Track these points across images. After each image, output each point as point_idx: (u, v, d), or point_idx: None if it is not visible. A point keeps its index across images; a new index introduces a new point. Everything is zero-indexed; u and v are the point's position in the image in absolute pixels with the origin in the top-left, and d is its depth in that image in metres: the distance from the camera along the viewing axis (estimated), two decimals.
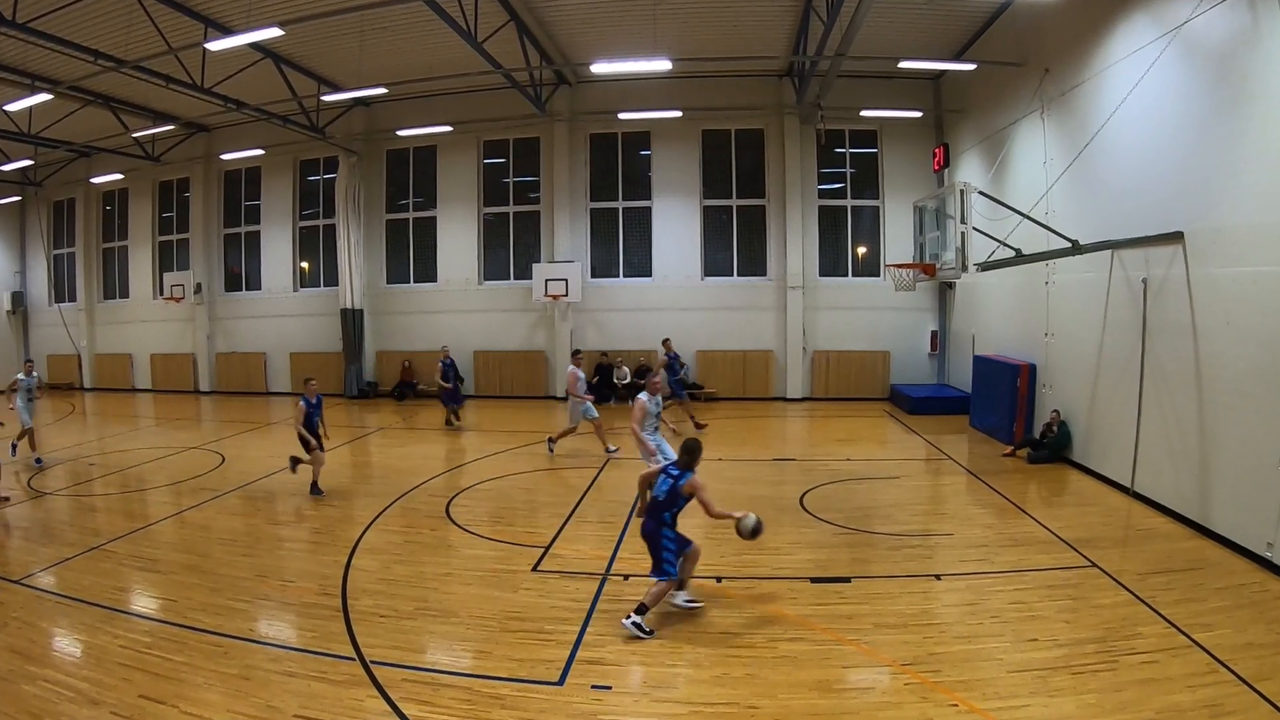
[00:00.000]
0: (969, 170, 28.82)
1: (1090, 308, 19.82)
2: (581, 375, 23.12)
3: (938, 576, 13.22)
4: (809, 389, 34.23)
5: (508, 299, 36.28)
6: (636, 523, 15.61)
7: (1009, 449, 22.41)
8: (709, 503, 11.70)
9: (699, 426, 27.02)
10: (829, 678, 9.78)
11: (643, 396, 17.96)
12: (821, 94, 27.83)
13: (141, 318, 42.02)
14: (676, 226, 35.05)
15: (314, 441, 19.08)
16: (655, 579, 11.44)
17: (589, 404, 23.00)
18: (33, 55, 26.58)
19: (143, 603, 12.58)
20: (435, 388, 30.02)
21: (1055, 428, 21.46)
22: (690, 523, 12.59)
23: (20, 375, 22.93)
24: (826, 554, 14.31)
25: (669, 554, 11.50)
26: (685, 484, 11.68)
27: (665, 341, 30.40)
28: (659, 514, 11.70)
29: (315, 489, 18.92)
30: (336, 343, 37.27)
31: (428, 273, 37.54)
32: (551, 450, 23.15)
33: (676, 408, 28.36)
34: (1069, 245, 17.93)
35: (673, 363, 28.95)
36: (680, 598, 11.82)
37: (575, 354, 24.28)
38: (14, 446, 22.85)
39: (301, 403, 19.20)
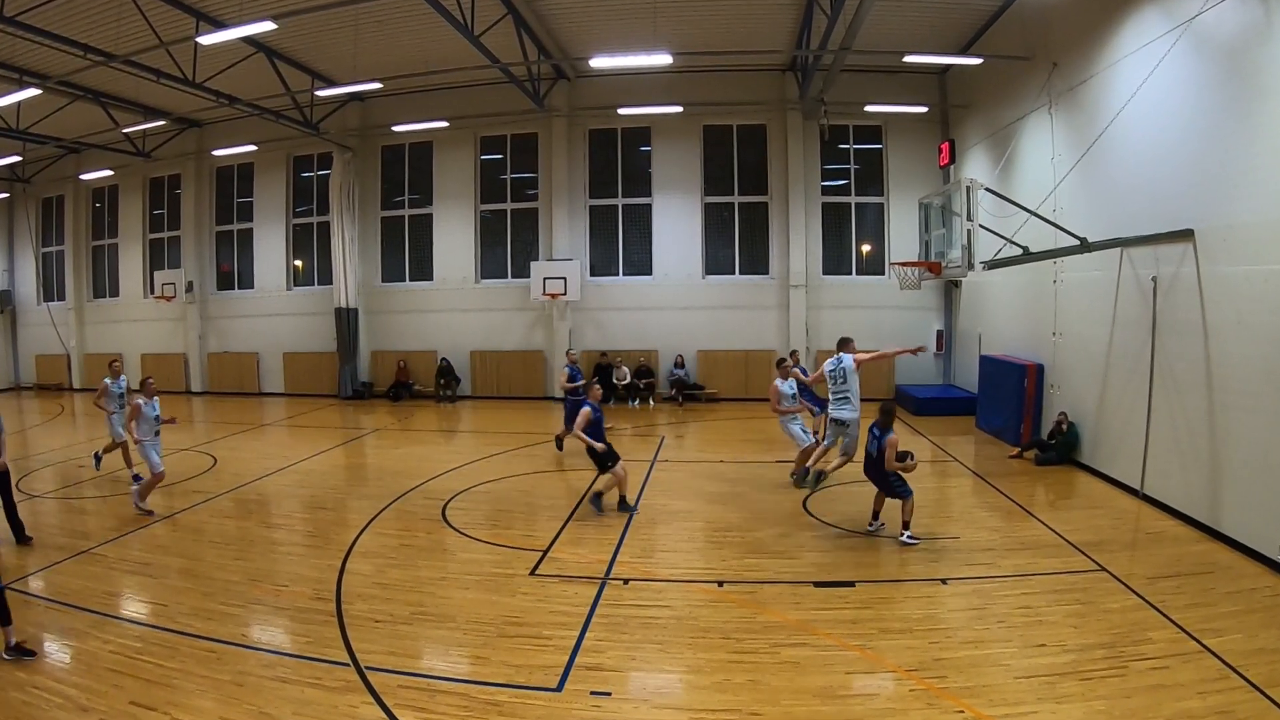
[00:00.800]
0: (975, 166, 28.81)
1: (1099, 307, 19.80)
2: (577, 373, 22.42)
3: (943, 580, 13.21)
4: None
5: (505, 298, 36.31)
6: (636, 526, 15.76)
7: (1016, 450, 22.42)
8: (890, 456, 14.74)
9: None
10: (833, 684, 9.75)
11: (587, 406, 18.37)
12: (825, 89, 27.85)
13: (132, 317, 42.03)
14: (677, 224, 35.08)
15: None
16: (903, 499, 14.82)
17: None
18: (21, 49, 26.60)
19: (133, 607, 12.58)
20: (432, 388, 30.07)
21: (1064, 428, 21.52)
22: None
23: (107, 380, 21.89)
24: (830, 558, 14.31)
25: (901, 484, 14.80)
26: (886, 440, 14.70)
27: (568, 352, 30.43)
28: (879, 467, 15.09)
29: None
30: (330, 342, 37.30)
31: (423, 271, 37.55)
32: (560, 448, 23.26)
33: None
34: (1077, 243, 17.89)
35: (573, 372, 29.09)
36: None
37: (569, 354, 23.46)
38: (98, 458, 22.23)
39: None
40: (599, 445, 17.17)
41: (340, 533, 16.16)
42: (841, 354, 19.04)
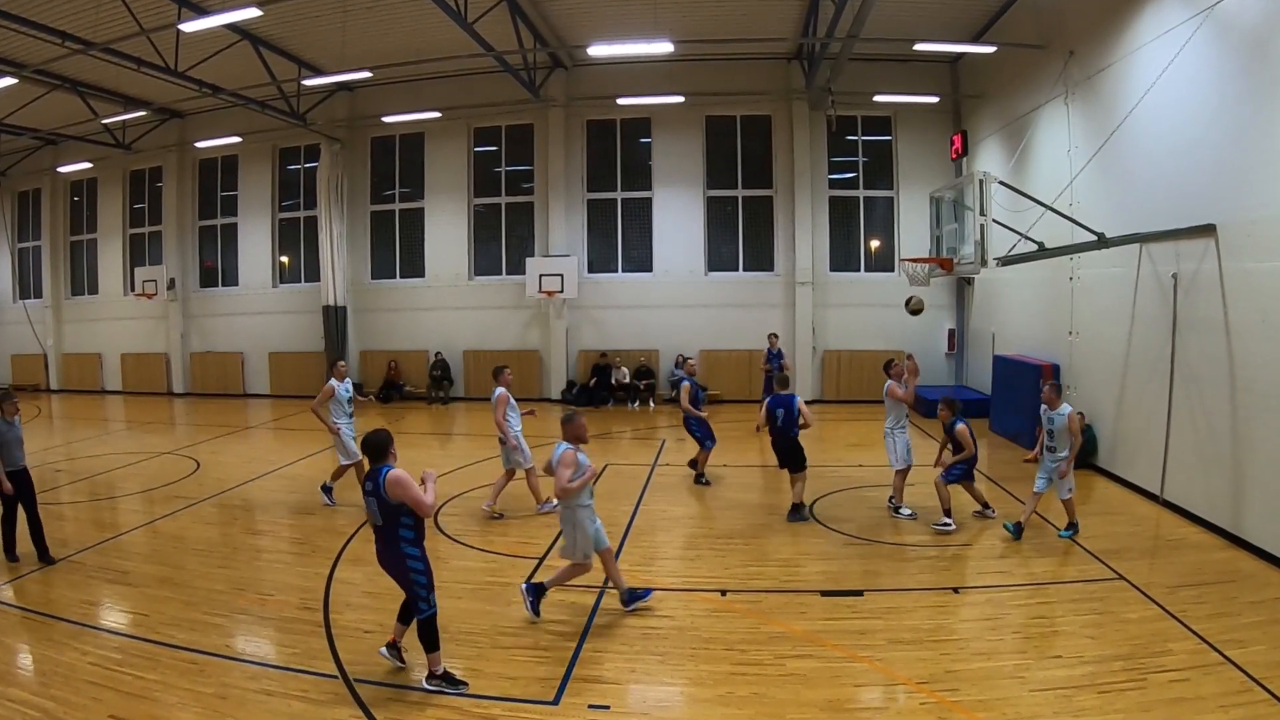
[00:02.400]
0: (988, 159, 28.81)
1: (1117, 304, 19.80)
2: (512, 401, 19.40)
3: (955, 589, 13.22)
4: (819, 391, 34.26)
5: (499, 295, 36.30)
6: (635, 533, 15.77)
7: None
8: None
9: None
10: (840, 697, 9.74)
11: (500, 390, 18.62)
12: (832, 78, 27.89)
13: (111, 315, 41.94)
14: (678, 218, 35.06)
15: None
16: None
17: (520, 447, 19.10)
18: None
19: (113, 617, 12.56)
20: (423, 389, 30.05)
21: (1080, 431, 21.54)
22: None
23: (334, 381, 19.31)
24: (837, 566, 14.32)
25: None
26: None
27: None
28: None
29: None
30: (318, 342, 37.22)
31: (415, 267, 37.56)
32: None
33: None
34: (1095, 238, 17.94)
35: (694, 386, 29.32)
36: None
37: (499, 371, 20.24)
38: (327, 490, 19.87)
39: None
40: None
41: (328, 540, 16.16)
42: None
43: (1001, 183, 19.08)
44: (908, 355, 19.71)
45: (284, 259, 39.57)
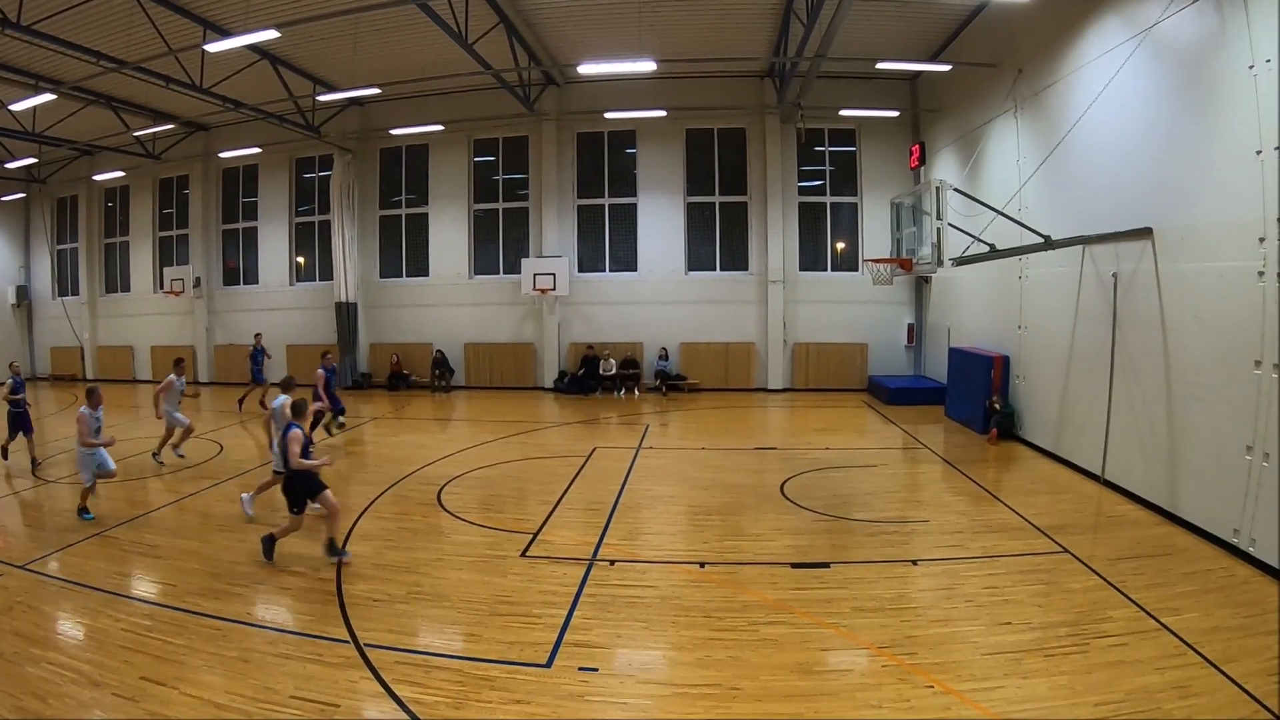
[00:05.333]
0: (945, 168, 28.88)
1: (1062, 301, 19.84)
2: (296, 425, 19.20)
3: (914, 562, 13.22)
4: (789, 380, 34.31)
5: (497, 293, 36.31)
6: (621, 510, 15.75)
7: (991, 434, 22.46)
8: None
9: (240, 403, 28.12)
10: (809, 660, 9.76)
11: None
12: (802, 94, 27.82)
13: (142, 311, 42.05)
14: (661, 222, 35.11)
15: None
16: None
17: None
18: (37, 56, 26.53)
19: (144, 587, 12.56)
20: (428, 378, 30.13)
21: (997, 407, 22.54)
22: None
23: (172, 376, 21.54)
24: (806, 540, 14.28)
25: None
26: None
27: (257, 336, 31.58)
28: None
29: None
30: (331, 335, 37.21)
31: (420, 267, 37.58)
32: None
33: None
34: (1041, 241, 17.93)
35: (257, 354, 29.90)
36: None
37: (324, 356, 22.96)
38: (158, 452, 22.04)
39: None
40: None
41: (341, 517, 16.03)
42: None
43: (956, 190, 19.05)
44: None
45: (300, 259, 39.53)
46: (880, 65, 27.03)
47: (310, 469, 13.18)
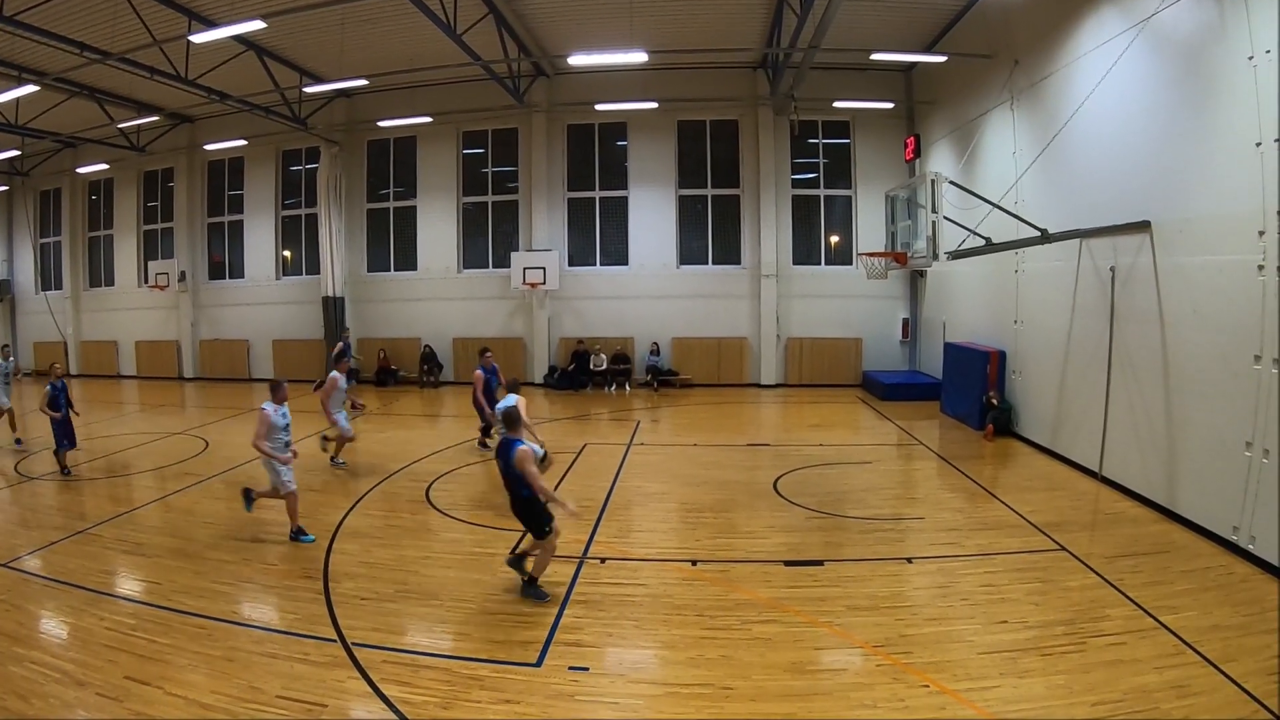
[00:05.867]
0: (940, 160, 28.86)
1: (1059, 296, 19.85)
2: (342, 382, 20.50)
3: (909, 560, 13.21)
4: (783, 375, 34.33)
5: (486, 287, 36.31)
6: (612, 507, 15.77)
7: (987, 430, 22.47)
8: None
9: (356, 409, 27.84)
10: (802, 659, 9.77)
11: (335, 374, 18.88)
12: (795, 85, 27.80)
13: (126, 305, 41.90)
14: (652, 216, 35.11)
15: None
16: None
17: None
18: (20, 47, 26.42)
19: (128, 585, 12.54)
20: (416, 374, 30.17)
21: (994, 402, 22.51)
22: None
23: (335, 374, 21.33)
24: (800, 538, 14.28)
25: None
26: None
27: (345, 331, 31.27)
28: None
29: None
30: (318, 330, 37.19)
31: (408, 261, 37.52)
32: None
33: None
34: (1038, 234, 17.95)
35: (345, 351, 29.50)
36: None
37: (482, 354, 22.10)
38: None
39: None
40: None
41: (328, 513, 16.12)
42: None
43: (952, 183, 19.07)
44: None
45: (286, 253, 39.46)
46: (875, 56, 27.04)
47: (545, 494, 11.66)
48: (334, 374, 20.28)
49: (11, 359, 23.05)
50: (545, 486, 11.55)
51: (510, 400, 16.59)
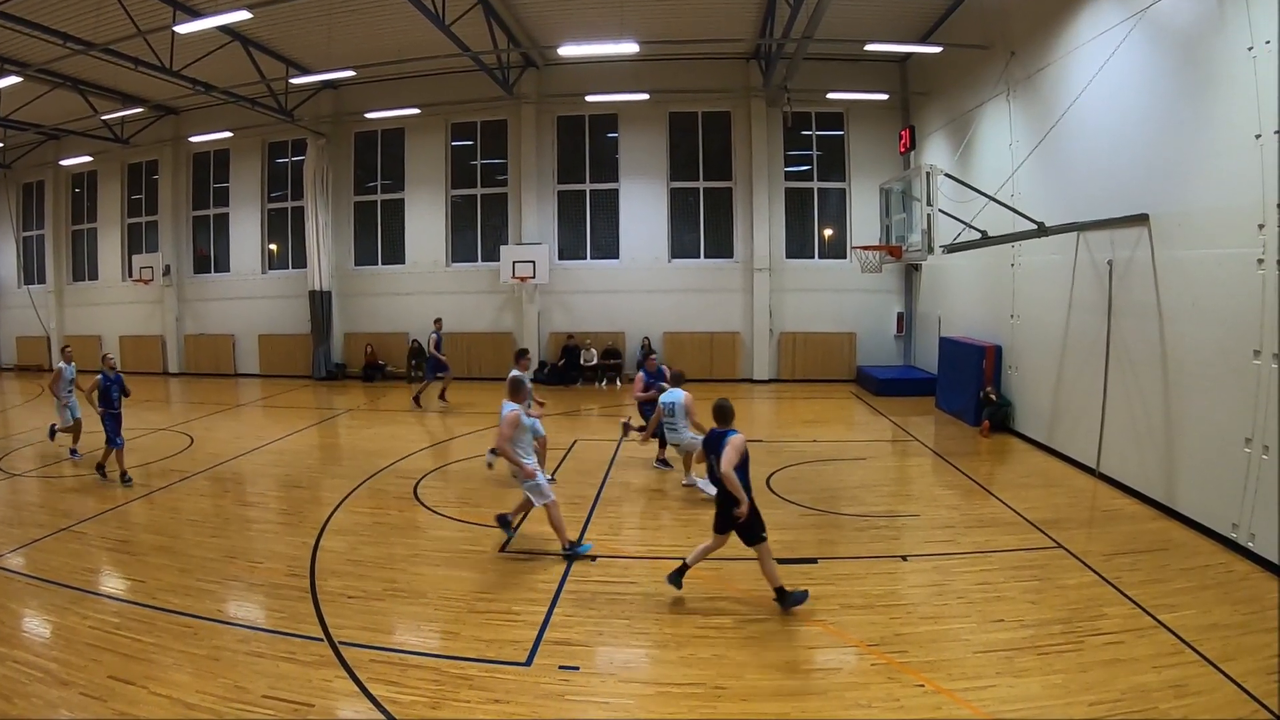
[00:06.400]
0: (935, 152, 28.91)
1: (1056, 290, 19.86)
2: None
3: (904, 558, 13.21)
4: (776, 371, 34.34)
5: (475, 281, 36.31)
6: (603, 504, 15.75)
7: (983, 426, 22.47)
8: None
9: (442, 400, 28.00)
10: (796, 658, 9.77)
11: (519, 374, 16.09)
12: (788, 76, 27.82)
13: (110, 300, 41.82)
14: (643, 209, 35.13)
15: None
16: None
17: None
18: (2, 38, 26.36)
19: (112, 584, 12.51)
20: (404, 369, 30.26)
21: (993, 397, 22.54)
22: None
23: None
24: (793, 535, 14.25)
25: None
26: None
27: (436, 321, 30.81)
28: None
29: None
30: (305, 324, 37.24)
31: (396, 255, 37.53)
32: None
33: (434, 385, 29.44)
34: (1034, 227, 17.91)
35: (436, 341, 29.40)
36: None
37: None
38: None
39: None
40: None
41: (314, 510, 16.12)
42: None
43: (947, 175, 19.07)
44: None
45: (273, 247, 39.45)
46: (869, 47, 26.98)
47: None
48: (515, 374, 16.71)
49: (71, 363, 22.01)
50: (734, 482, 10.84)
51: (678, 395, 17.04)
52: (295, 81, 31.50)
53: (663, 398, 17.21)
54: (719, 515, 11.39)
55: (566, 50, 26.11)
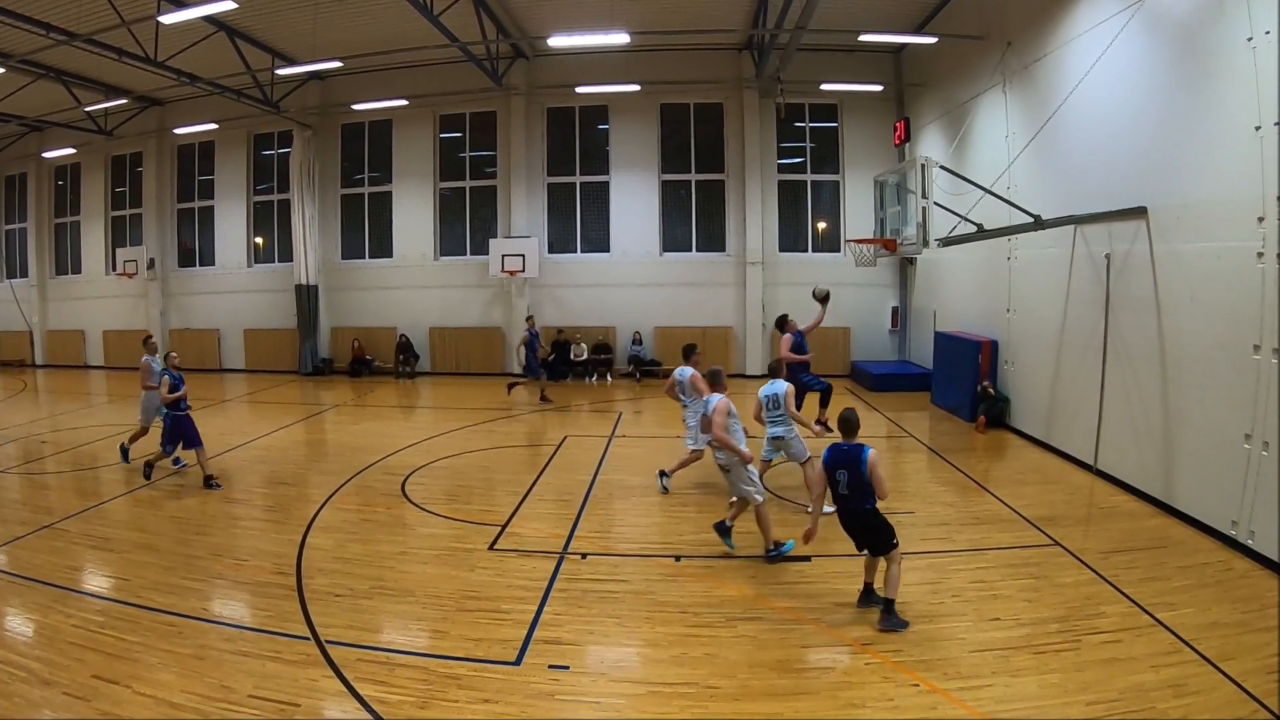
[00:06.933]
0: (930, 144, 28.90)
1: (1053, 283, 19.83)
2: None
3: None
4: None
5: (464, 275, 36.30)
6: (593, 501, 15.77)
7: (979, 421, 22.45)
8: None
9: (545, 400, 27.63)
10: (789, 657, 9.76)
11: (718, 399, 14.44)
12: (781, 67, 27.86)
13: (94, 294, 41.77)
14: (635, 201, 35.12)
15: None
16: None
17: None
18: None
19: (95, 582, 12.50)
20: (391, 364, 30.17)
21: (991, 391, 22.59)
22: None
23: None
24: (787, 532, 14.15)
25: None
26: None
27: (529, 318, 30.54)
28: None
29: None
30: (291, 319, 37.20)
31: (383, 248, 37.49)
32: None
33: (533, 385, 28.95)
34: (1031, 220, 17.93)
35: (533, 340, 29.00)
36: None
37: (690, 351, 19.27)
38: None
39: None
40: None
41: (301, 508, 16.11)
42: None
43: (942, 167, 19.08)
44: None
45: (258, 240, 39.40)
46: (863, 37, 27.11)
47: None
48: (688, 371, 17.58)
49: (157, 354, 20.69)
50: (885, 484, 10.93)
51: (779, 385, 15.88)
52: (281, 72, 31.47)
53: (762, 390, 16.11)
54: (868, 534, 10.90)
55: (556, 41, 26.14)
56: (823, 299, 19.50)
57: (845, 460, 10.91)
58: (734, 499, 13.80)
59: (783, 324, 19.84)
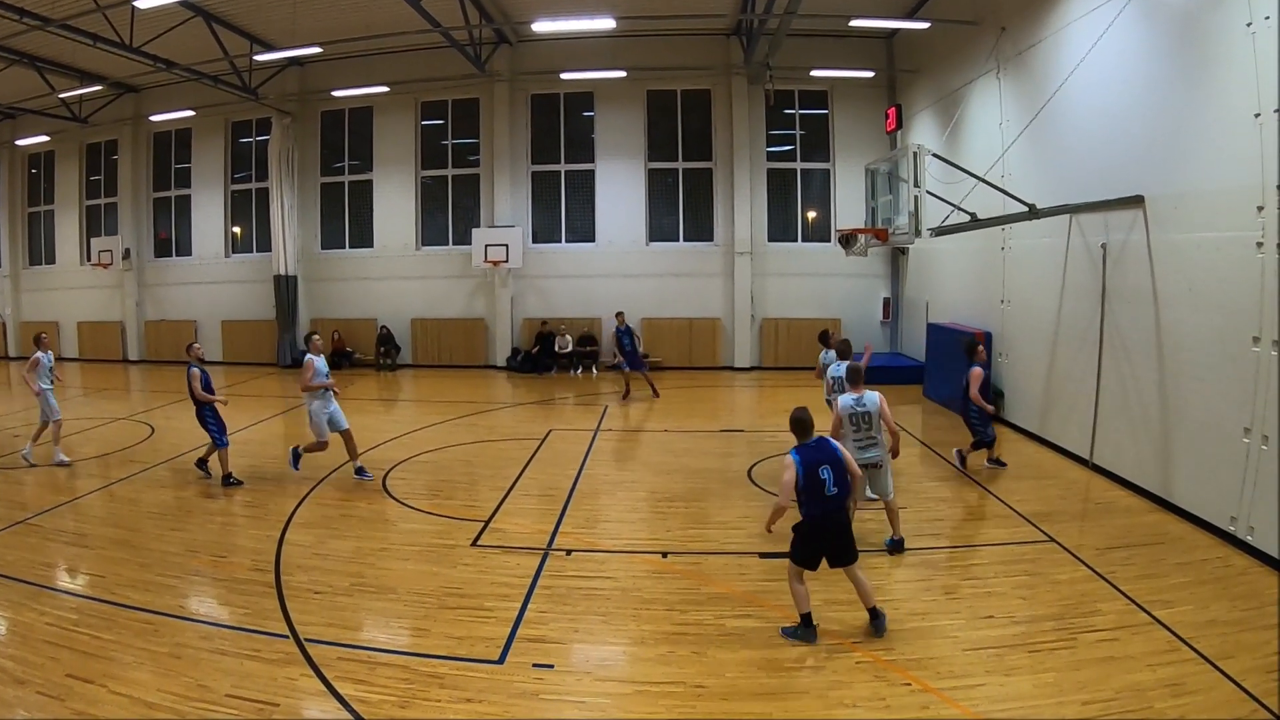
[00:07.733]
0: (923, 132, 28.80)
1: (1048, 274, 19.86)
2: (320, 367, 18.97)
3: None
4: (757, 358, 34.38)
5: (446, 265, 36.24)
6: (579, 496, 15.74)
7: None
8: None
9: (656, 394, 27.38)
10: (778, 656, 9.73)
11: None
12: (770, 53, 27.73)
13: (68, 284, 41.66)
14: (621, 190, 35.07)
15: None
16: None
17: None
18: None
19: (70, 579, 12.50)
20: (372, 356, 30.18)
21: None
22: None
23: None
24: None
25: None
26: None
27: (619, 315, 30.02)
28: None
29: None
30: (270, 310, 37.07)
31: (364, 238, 37.43)
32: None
33: (639, 379, 28.22)
34: (1026, 209, 17.87)
35: (621, 335, 28.66)
36: None
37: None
38: None
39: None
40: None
41: (279, 503, 16.09)
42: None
43: (935, 155, 19.00)
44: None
45: (236, 230, 39.30)
46: (854, 23, 27.08)
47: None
48: (876, 397, 15.43)
49: (49, 351, 20.61)
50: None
51: (873, 396, 14.54)
52: (259, 59, 31.50)
53: (843, 399, 14.55)
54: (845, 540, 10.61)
55: (541, 26, 26.15)
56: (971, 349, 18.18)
57: (826, 455, 10.48)
58: (875, 501, 13.71)
59: (973, 350, 17.59)
